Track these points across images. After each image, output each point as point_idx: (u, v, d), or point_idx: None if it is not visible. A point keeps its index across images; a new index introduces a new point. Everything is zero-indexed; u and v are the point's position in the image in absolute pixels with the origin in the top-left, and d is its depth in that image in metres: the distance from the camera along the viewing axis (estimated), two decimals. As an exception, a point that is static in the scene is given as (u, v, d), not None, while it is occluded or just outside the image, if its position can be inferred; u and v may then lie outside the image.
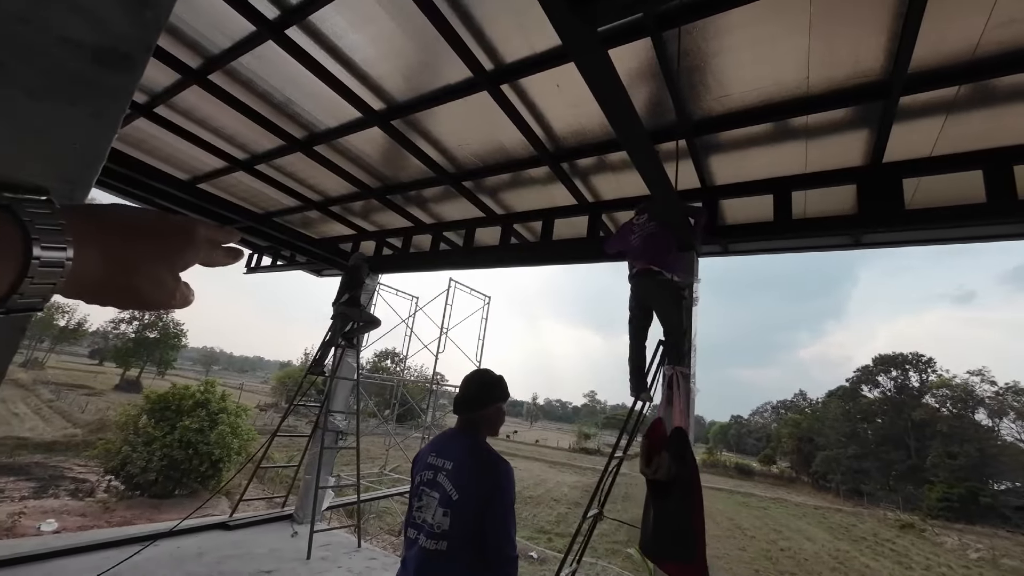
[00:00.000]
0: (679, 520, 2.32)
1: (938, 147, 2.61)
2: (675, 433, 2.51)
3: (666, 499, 2.37)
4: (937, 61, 2.11)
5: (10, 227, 0.29)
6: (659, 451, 2.42)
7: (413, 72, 2.72)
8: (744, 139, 2.84)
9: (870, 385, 52.69)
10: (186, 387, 15.00)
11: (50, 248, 0.30)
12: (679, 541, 2.30)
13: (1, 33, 0.45)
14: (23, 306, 0.31)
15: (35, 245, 0.29)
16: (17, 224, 0.29)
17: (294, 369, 44.18)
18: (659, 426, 2.61)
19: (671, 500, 2.36)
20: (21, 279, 0.29)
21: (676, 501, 2.34)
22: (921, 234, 3.17)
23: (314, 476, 5.02)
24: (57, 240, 0.31)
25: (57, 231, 0.31)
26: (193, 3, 2.39)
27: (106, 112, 0.52)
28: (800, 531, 24.78)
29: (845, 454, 45.24)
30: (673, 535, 2.32)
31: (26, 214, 0.30)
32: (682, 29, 2.13)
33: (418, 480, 1.82)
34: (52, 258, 0.30)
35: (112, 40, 0.52)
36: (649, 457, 2.42)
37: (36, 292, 0.31)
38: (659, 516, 2.38)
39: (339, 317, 5.34)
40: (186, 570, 3.61)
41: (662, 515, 2.37)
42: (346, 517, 12.24)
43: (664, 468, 2.35)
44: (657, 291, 2.95)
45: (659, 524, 2.37)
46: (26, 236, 0.29)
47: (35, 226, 0.30)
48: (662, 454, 2.39)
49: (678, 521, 2.32)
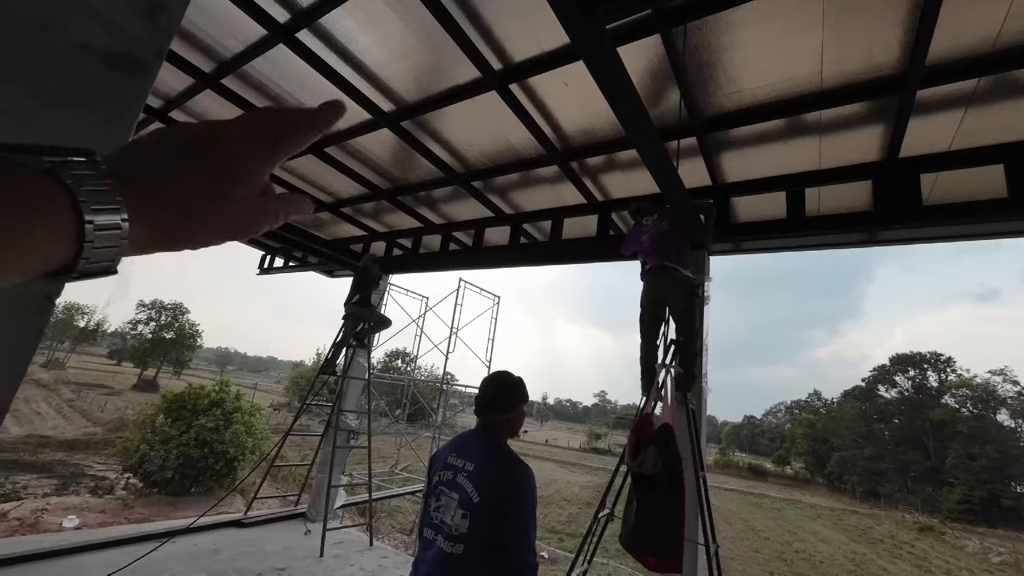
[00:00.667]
0: (661, 514, 2.36)
1: (957, 141, 2.55)
2: (661, 429, 2.55)
3: (650, 493, 2.42)
4: (955, 53, 2.06)
5: (56, 191, 0.28)
6: (645, 446, 2.46)
7: (422, 73, 2.73)
8: (756, 136, 2.80)
9: (887, 385, 51.74)
10: (201, 387, 15.25)
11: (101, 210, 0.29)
12: (660, 535, 2.34)
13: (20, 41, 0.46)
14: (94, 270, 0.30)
15: (83, 209, 0.28)
16: (63, 188, 0.28)
17: (306, 369, 44.67)
18: (648, 421, 2.66)
19: (655, 494, 2.40)
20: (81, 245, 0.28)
21: (660, 495, 2.38)
22: (940, 230, 3.11)
23: (326, 475, 5.07)
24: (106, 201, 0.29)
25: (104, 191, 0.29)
26: (206, 8, 2.43)
27: (121, 116, 0.54)
28: (815, 533, 24.41)
29: (861, 455, 44.47)
30: (655, 529, 2.36)
31: (70, 177, 0.28)
32: (691, 25, 2.11)
33: (436, 479, 1.77)
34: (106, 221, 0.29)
35: (126, 46, 0.53)
36: (635, 451, 2.46)
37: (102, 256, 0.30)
38: (641, 510, 2.43)
39: (350, 317, 5.39)
40: (203, 566, 3.67)
41: (644, 509, 2.42)
42: (358, 516, 12.35)
43: (649, 462, 2.39)
44: (672, 288, 2.93)
45: (641, 518, 2.41)
46: (74, 200, 0.28)
47: (80, 188, 0.28)
48: (648, 449, 2.43)
49: (660, 515, 2.36)
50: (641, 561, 2.42)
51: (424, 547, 1.69)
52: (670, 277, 2.92)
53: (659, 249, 2.98)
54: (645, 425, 2.63)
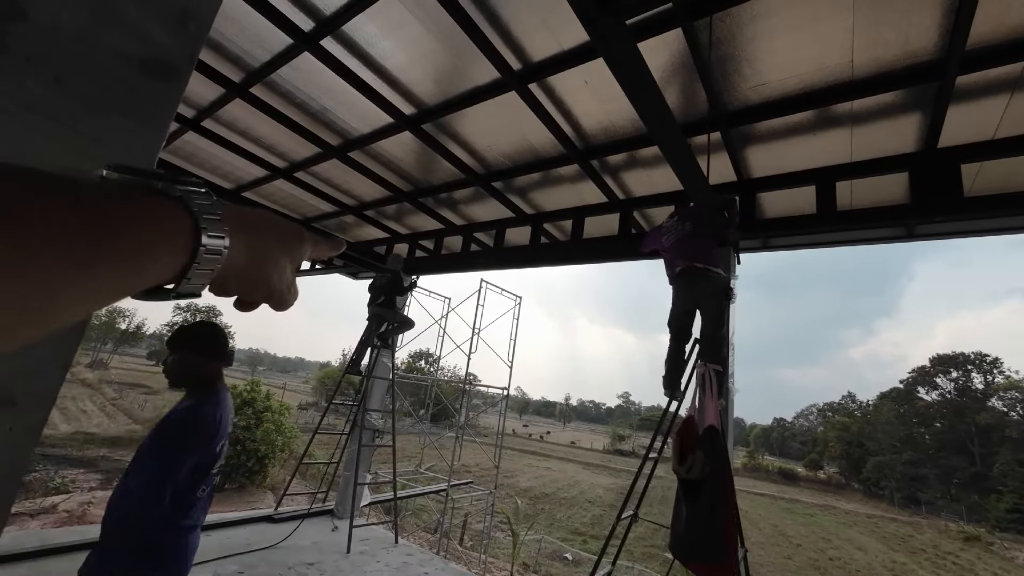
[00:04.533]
0: (711, 519, 2.26)
1: (1002, 129, 2.41)
2: (707, 431, 2.44)
3: (698, 498, 2.32)
4: (999, 35, 1.96)
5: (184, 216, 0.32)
6: (692, 449, 2.35)
7: (442, 75, 2.76)
8: (783, 128, 2.72)
9: (927, 387, 49.40)
10: (233, 386, 15.74)
11: (213, 236, 0.33)
12: (710, 541, 2.24)
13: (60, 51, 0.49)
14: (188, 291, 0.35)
15: (203, 234, 0.33)
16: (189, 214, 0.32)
17: (333, 369, 45.70)
18: (692, 424, 2.54)
19: (703, 499, 2.30)
20: (190, 265, 0.33)
21: (708, 500, 2.29)
22: (984, 223, 2.96)
23: (352, 473, 5.17)
24: (218, 229, 0.34)
25: (218, 220, 0.34)
26: (235, 20, 2.52)
27: (154, 119, 0.56)
28: (851, 540, 23.50)
29: (900, 460, 42.58)
30: (705, 535, 2.27)
31: (195, 205, 0.33)
32: (715, 17, 2.06)
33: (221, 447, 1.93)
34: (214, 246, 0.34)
35: (158, 52, 0.56)
36: (682, 455, 2.35)
37: (199, 277, 0.34)
38: (691, 516, 2.32)
39: (374, 318, 5.48)
40: (236, 559, 3.80)
41: (694, 515, 2.32)
42: (384, 514, 12.55)
43: (698, 466, 2.30)
44: (705, 289, 2.86)
45: (691, 524, 2.31)
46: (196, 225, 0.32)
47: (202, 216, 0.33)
48: (696, 452, 2.32)
49: (710, 520, 2.27)
50: (692, 568, 2.33)
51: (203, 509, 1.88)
52: (705, 277, 2.85)
53: (686, 251, 2.92)
54: (690, 427, 2.51)
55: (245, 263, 0.39)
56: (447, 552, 10.46)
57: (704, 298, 2.88)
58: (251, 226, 0.39)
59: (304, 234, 0.47)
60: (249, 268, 0.40)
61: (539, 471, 33.54)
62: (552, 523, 19.68)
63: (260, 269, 0.41)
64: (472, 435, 12.92)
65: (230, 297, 0.42)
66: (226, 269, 0.36)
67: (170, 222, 0.31)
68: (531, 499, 23.28)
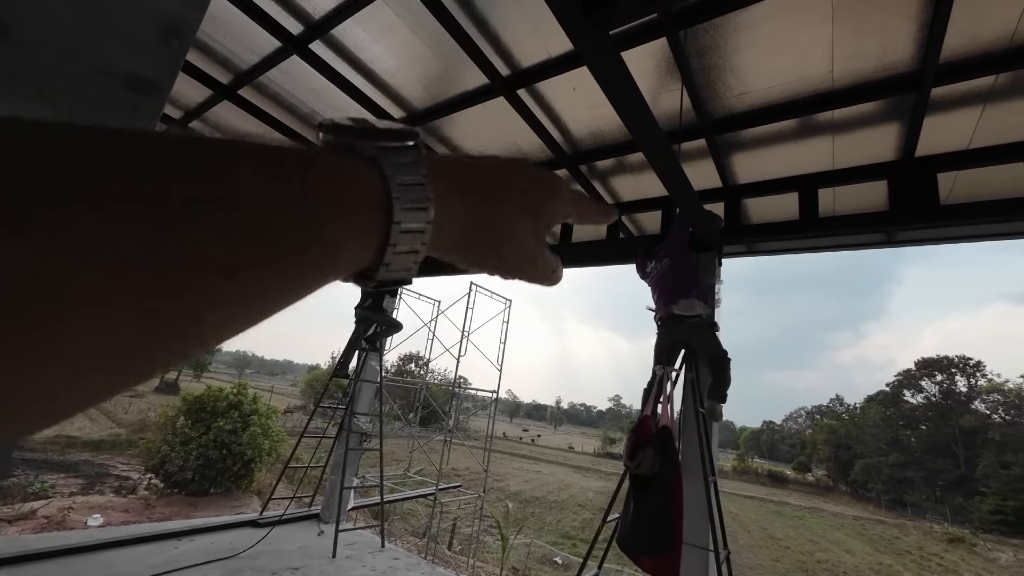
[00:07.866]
0: (656, 515, 2.36)
1: (976, 139, 2.49)
2: (661, 431, 2.57)
3: (647, 494, 2.42)
4: (971, 50, 2.02)
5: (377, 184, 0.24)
6: (643, 447, 2.47)
7: (432, 80, 2.78)
8: (767, 136, 2.78)
9: (912, 390, 50.22)
10: (220, 389, 15.58)
11: (411, 208, 0.25)
12: (655, 535, 2.34)
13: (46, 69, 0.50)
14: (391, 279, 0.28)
15: (396, 205, 0.25)
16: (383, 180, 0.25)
17: (321, 372, 45.33)
18: (646, 423, 2.67)
19: (651, 495, 2.41)
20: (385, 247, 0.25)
21: (656, 497, 2.39)
22: (961, 230, 3.02)
23: (339, 477, 5.13)
24: (418, 199, 0.26)
25: (419, 186, 0.26)
26: (224, 23, 2.51)
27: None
28: (838, 542, 23.76)
29: (886, 462, 43.21)
30: (651, 530, 2.36)
31: (390, 167, 0.25)
32: (699, 28, 2.10)
33: None
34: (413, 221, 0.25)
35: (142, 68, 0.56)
36: (633, 452, 2.46)
37: (401, 262, 0.27)
38: (639, 511, 2.43)
39: (362, 321, 5.45)
40: (220, 564, 3.75)
41: (641, 510, 2.42)
42: (371, 517, 12.45)
43: (648, 463, 2.41)
44: (693, 334, 2.90)
45: (638, 519, 2.41)
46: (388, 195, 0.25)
47: (396, 182, 0.25)
48: (646, 449, 2.44)
49: (655, 516, 2.36)
50: (636, 562, 2.43)
51: None
52: (687, 325, 2.87)
53: (664, 294, 2.95)
54: (643, 426, 2.65)
55: (461, 233, 0.31)
56: (435, 556, 10.40)
57: (695, 341, 2.91)
58: (470, 185, 0.31)
59: (559, 187, 0.36)
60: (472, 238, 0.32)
61: (529, 475, 33.51)
62: (542, 527, 19.67)
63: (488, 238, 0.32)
64: (462, 439, 12.87)
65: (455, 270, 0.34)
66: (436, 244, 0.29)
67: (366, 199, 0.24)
68: (521, 503, 23.24)
